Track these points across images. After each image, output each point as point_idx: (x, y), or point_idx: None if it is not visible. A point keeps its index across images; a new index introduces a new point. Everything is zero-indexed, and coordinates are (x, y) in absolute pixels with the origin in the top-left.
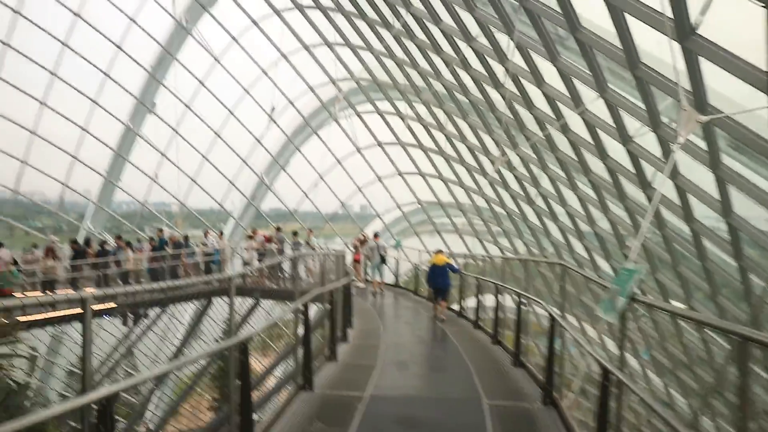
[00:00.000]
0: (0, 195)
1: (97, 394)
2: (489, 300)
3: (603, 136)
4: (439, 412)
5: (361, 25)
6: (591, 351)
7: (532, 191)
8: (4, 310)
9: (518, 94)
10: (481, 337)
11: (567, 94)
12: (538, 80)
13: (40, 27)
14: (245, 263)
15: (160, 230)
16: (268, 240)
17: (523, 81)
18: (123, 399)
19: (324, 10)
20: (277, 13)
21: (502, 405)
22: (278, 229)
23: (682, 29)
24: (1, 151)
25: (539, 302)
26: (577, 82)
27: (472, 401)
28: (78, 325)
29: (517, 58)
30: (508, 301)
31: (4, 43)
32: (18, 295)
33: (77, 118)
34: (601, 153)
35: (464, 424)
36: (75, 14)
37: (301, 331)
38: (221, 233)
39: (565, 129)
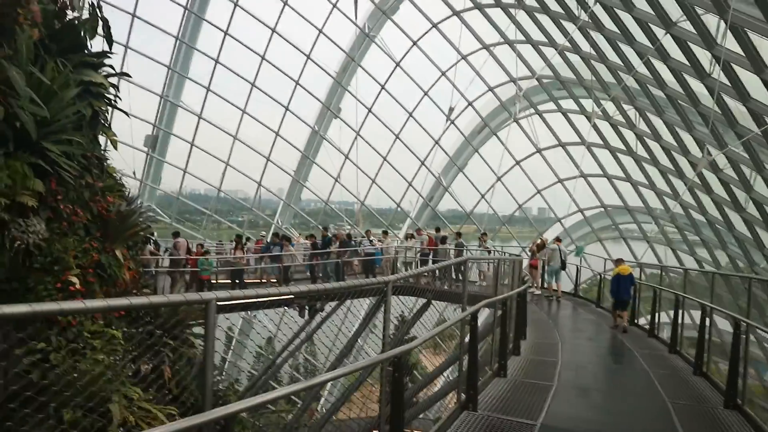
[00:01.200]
0: (208, 192)
1: (214, 414)
2: (686, 317)
3: None
4: None
5: (544, 19)
6: None
7: (742, 196)
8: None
9: (729, 84)
10: (680, 365)
11: None
12: (758, 66)
13: (243, 44)
14: (405, 263)
15: (325, 228)
16: (432, 241)
17: (736, 68)
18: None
19: (504, 7)
20: (457, 14)
21: None
22: (438, 230)
23: None
24: (210, 153)
25: None
26: None
27: None
28: (269, 312)
29: (729, 42)
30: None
31: (216, 61)
32: (212, 281)
33: (272, 123)
34: None
35: None
36: (272, 30)
37: (467, 339)
38: (385, 233)
39: None
